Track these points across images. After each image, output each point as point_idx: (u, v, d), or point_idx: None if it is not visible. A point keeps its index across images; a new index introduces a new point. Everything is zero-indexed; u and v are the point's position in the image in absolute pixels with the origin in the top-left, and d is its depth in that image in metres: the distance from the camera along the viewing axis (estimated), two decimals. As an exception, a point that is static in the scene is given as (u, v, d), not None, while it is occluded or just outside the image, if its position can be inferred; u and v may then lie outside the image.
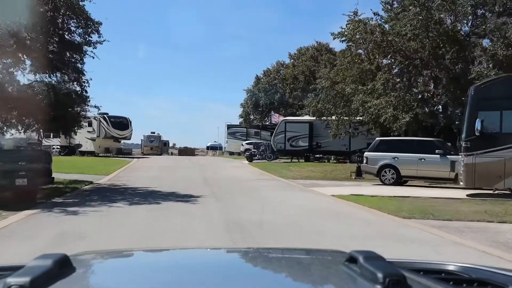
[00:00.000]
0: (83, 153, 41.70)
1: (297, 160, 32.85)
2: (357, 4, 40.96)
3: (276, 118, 37.79)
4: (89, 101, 15.87)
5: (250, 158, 32.94)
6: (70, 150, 42.50)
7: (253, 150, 33.91)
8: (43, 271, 1.07)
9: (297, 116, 37.88)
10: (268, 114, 43.44)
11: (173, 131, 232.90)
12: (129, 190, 15.59)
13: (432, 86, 22.13)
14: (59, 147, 43.70)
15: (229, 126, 52.32)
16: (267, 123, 45.27)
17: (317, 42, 43.64)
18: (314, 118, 31.32)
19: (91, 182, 18.14)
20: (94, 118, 40.65)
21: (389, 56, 22.58)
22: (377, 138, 18.25)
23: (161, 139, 64.84)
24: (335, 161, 32.80)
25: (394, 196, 13.59)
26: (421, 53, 20.56)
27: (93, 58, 15.33)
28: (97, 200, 12.34)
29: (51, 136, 45.05)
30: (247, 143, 48.91)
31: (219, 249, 2.77)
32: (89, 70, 18.97)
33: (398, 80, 21.93)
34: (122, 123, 40.31)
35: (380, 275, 1.06)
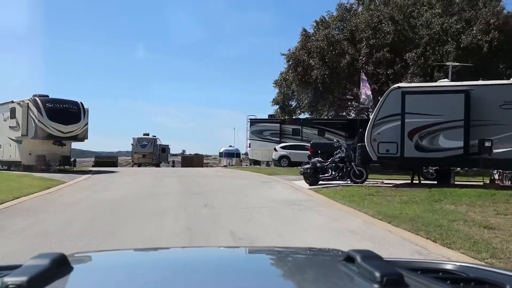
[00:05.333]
0: (7, 165, 24.14)
1: (417, 181, 14.78)
2: None
3: (367, 89, 19.35)
4: None
5: (312, 176, 15.00)
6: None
7: (317, 159, 15.72)
8: (40, 270, 1.05)
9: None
10: (323, 99, 25.22)
11: (186, 138, 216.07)
12: None
13: None
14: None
15: (252, 121, 34.17)
16: (327, 112, 27.14)
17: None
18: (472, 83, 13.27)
19: None
20: (19, 103, 22.95)
21: None
22: None
23: (157, 143, 47.43)
24: (497, 181, 14.53)
25: None
26: None
27: None
28: None
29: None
30: (282, 147, 30.90)
31: (217, 248, 2.97)
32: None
33: None
34: (67, 112, 22.45)
35: (377, 274, 1.03)
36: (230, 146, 51.07)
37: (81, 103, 23.36)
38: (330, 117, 29.41)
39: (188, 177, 19.51)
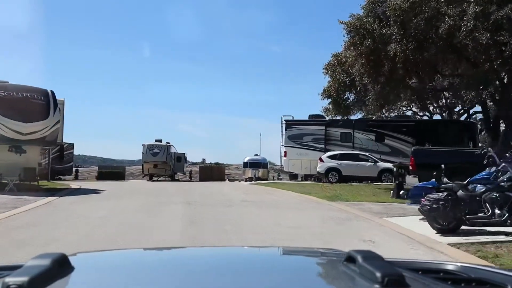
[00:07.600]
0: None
1: None
2: None
3: None
4: None
5: (448, 217, 7.37)
6: None
7: (457, 183, 7.99)
8: (41, 270, 1.03)
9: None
10: (403, 87, 17.69)
11: (207, 146, 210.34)
12: None
13: None
14: None
15: (289, 124, 26.46)
16: (406, 108, 19.40)
17: None
18: None
19: None
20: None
21: None
22: None
23: (171, 150, 40.10)
24: None
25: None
26: None
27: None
28: None
29: None
30: (330, 157, 23.18)
31: (218, 248, 2.98)
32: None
33: None
34: (28, 104, 15.23)
35: (378, 275, 1.02)
36: (256, 155, 43.27)
37: (52, 92, 16.21)
38: (400, 115, 21.56)
39: (201, 205, 12.05)
